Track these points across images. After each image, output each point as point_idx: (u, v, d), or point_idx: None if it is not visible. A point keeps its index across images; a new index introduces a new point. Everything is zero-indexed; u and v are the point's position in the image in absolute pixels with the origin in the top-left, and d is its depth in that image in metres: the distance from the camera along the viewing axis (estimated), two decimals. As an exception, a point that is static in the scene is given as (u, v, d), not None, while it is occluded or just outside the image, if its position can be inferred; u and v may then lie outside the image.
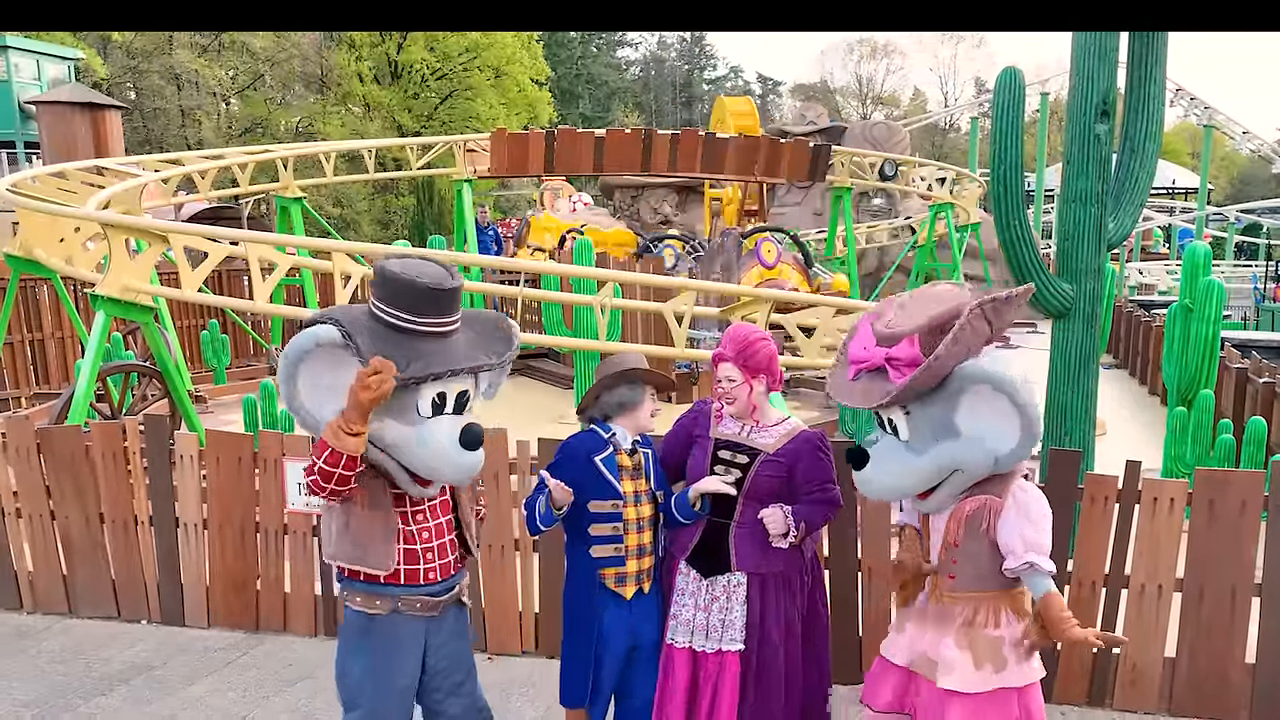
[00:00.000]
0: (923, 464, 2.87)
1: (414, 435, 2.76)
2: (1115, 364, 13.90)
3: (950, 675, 2.91)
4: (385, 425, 2.75)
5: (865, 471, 2.94)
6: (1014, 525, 2.83)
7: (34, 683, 4.52)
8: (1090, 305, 5.51)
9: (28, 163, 22.19)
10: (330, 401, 2.71)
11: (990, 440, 2.79)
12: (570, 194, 24.02)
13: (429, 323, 2.73)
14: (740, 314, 7.40)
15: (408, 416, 2.77)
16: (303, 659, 4.72)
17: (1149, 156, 5.59)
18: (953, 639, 2.95)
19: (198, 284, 7.02)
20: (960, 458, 2.84)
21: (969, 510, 2.89)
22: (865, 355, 2.92)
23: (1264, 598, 3.98)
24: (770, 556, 3.22)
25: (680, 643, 3.24)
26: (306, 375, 2.72)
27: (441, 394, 2.77)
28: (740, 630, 3.20)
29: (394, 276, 2.72)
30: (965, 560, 2.95)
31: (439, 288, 2.72)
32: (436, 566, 2.98)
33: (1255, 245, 32.00)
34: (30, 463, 5.16)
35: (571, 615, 3.31)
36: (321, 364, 2.71)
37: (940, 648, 2.96)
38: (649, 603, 3.30)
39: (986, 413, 2.79)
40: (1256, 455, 6.15)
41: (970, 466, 2.85)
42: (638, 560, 3.24)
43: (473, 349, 2.81)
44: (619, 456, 3.23)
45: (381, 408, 2.70)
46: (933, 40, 63.54)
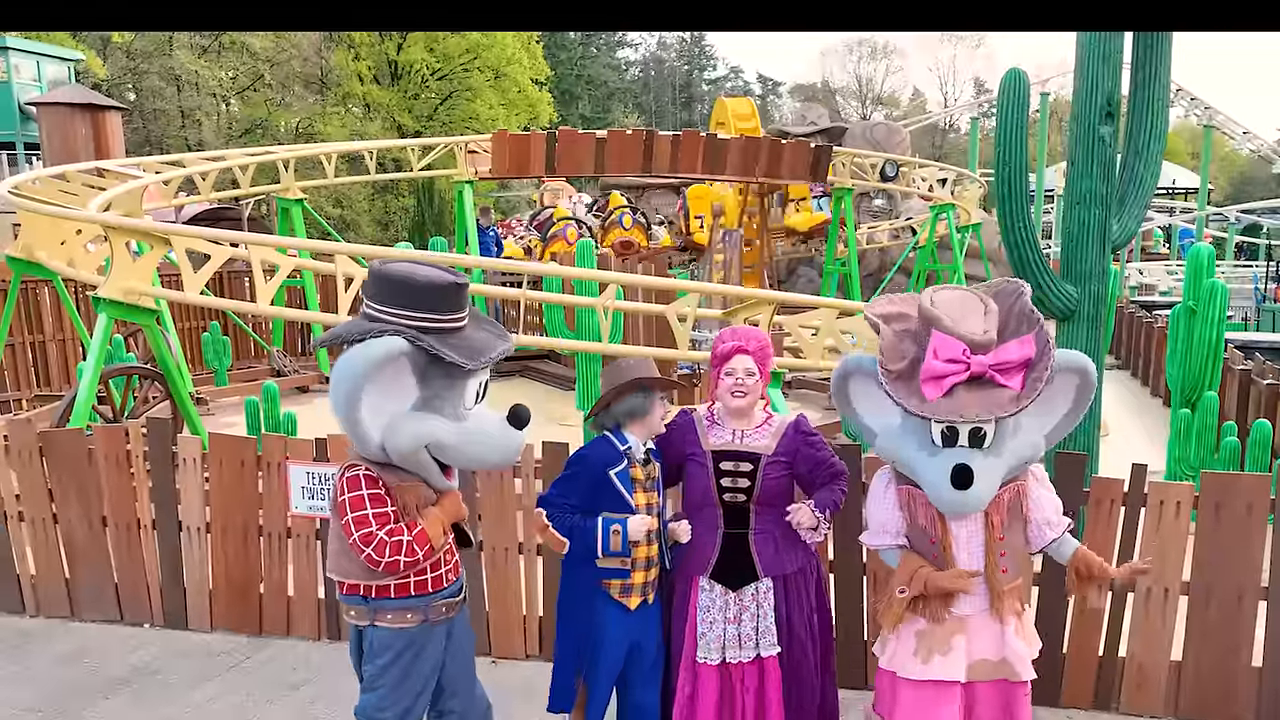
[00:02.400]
0: (1005, 465, 2.84)
1: (466, 429, 2.83)
2: (1116, 365, 13.90)
3: (1026, 667, 2.97)
4: (438, 427, 2.78)
5: (974, 489, 2.71)
6: (1044, 498, 2.98)
7: (36, 686, 4.51)
8: (1094, 307, 5.51)
9: (28, 164, 22.17)
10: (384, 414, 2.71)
11: (1042, 428, 2.93)
12: (571, 194, 24.03)
13: (459, 317, 2.83)
14: (744, 316, 7.39)
15: (457, 412, 2.83)
16: (306, 663, 4.71)
17: (1153, 158, 5.59)
18: (1012, 636, 2.96)
19: (199, 286, 7.01)
20: (1026, 450, 2.90)
21: (1008, 499, 2.92)
22: (957, 366, 2.74)
23: (1271, 601, 3.97)
24: (788, 555, 3.23)
25: (713, 660, 3.21)
26: (373, 390, 2.67)
27: (483, 383, 2.90)
28: (775, 634, 3.20)
29: (410, 279, 2.74)
30: (1011, 551, 2.98)
31: (455, 282, 2.81)
32: (452, 566, 3.04)
33: (1255, 245, 32.00)
34: (32, 466, 5.15)
35: (565, 621, 3.27)
36: (389, 377, 2.70)
37: (1005, 645, 2.95)
38: (652, 611, 3.29)
39: (1047, 398, 2.84)
40: (1262, 457, 6.15)
41: (1032, 458, 2.94)
42: (645, 572, 3.23)
43: (490, 336, 2.92)
44: (633, 470, 3.19)
45: (431, 410, 2.78)
46: (932, 40, 63.62)
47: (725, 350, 3.22)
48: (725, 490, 3.20)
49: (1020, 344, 2.77)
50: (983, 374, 2.74)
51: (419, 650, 2.96)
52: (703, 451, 3.23)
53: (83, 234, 8.40)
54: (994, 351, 2.77)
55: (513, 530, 4.65)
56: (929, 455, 2.81)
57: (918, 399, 2.77)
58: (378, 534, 2.73)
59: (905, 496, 2.99)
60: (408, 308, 2.72)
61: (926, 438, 2.84)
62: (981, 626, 2.96)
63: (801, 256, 21.39)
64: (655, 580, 3.28)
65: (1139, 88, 5.56)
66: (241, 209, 19.18)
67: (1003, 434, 2.82)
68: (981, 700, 2.98)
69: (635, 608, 3.23)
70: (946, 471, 2.70)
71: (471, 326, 2.90)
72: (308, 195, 13.44)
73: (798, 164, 14.32)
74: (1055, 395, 2.90)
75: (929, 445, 2.83)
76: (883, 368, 2.85)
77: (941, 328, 2.79)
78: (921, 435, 2.86)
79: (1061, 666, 4.12)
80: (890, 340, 2.87)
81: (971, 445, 2.77)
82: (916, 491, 2.93)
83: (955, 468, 2.70)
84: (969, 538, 2.94)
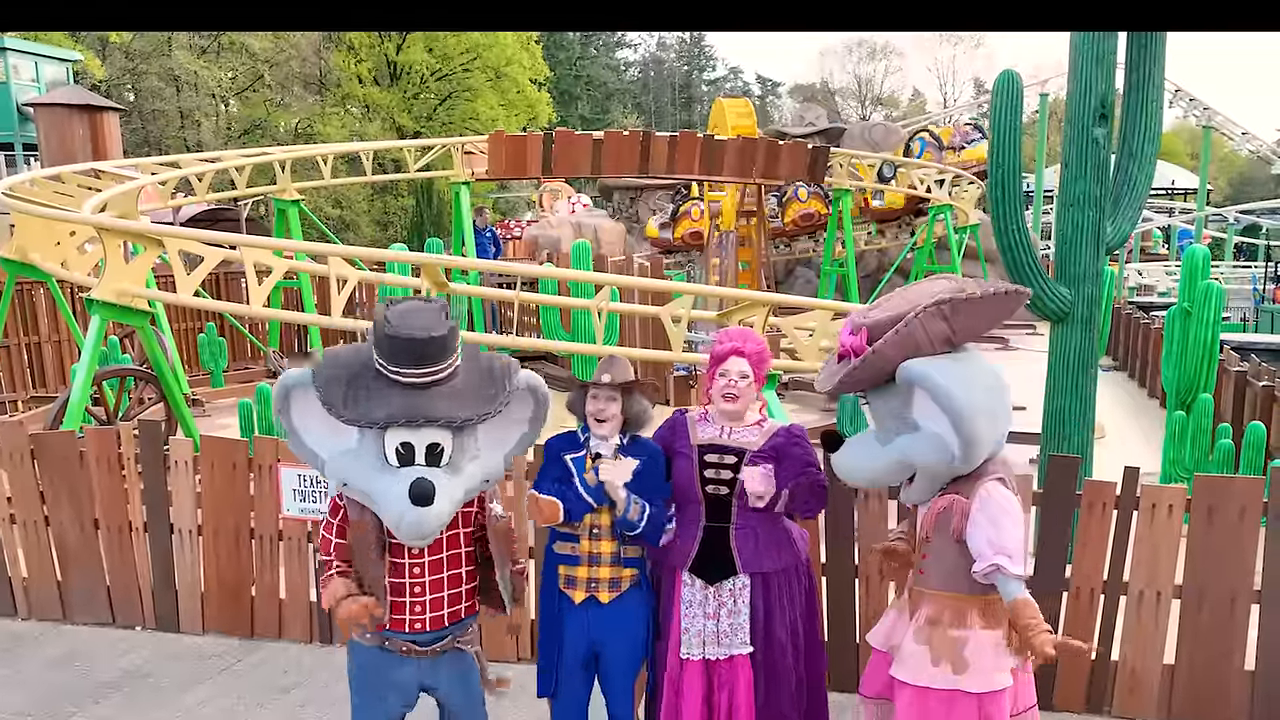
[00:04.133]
0: (885, 455, 2.92)
1: (376, 482, 2.75)
2: (1114, 366, 13.88)
3: (902, 666, 2.95)
4: (355, 465, 2.79)
5: (836, 455, 3.05)
6: (980, 528, 2.78)
7: (27, 690, 4.50)
8: (1088, 309, 5.49)
9: (26, 165, 22.17)
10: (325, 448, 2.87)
11: (947, 438, 2.77)
12: (569, 195, 24.05)
13: (404, 373, 2.71)
14: (738, 317, 7.38)
15: (375, 463, 2.77)
16: (298, 666, 4.69)
17: (1147, 160, 5.57)
18: (912, 633, 2.97)
19: (194, 288, 7.00)
20: (913, 452, 2.85)
21: (939, 508, 2.89)
22: (840, 342, 2.98)
23: (1263, 604, 3.96)
24: (769, 553, 3.22)
25: (695, 655, 3.21)
26: (299, 420, 2.88)
27: (406, 444, 2.73)
28: (748, 633, 3.19)
29: (379, 325, 2.75)
30: (934, 558, 2.96)
31: (413, 338, 2.69)
32: (426, 618, 2.96)
33: (1254, 246, 31.99)
34: (24, 468, 5.14)
35: (542, 608, 3.36)
36: (306, 402, 2.83)
37: (904, 639, 3.00)
38: (609, 615, 3.23)
39: (931, 412, 2.79)
40: (1256, 460, 6.13)
41: (923, 463, 2.85)
42: (589, 568, 3.20)
43: (451, 401, 2.75)
44: (587, 460, 3.21)
45: (356, 444, 2.80)
46: (932, 41, 63.56)
47: (721, 351, 3.24)
48: (708, 482, 3.21)
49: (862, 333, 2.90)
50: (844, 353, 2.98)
51: (374, 673, 3.00)
52: (690, 445, 3.27)
53: (77, 235, 8.39)
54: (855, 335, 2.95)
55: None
56: None
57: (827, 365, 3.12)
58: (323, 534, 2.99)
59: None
60: (374, 348, 2.78)
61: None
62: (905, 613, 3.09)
63: (799, 257, 21.37)
64: (609, 582, 3.22)
65: (1133, 89, 5.54)
66: (239, 210, 19.17)
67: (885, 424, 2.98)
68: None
69: (580, 603, 3.22)
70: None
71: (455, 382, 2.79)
72: (306, 196, 13.43)
73: (795, 165, 14.29)
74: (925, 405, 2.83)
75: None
76: None
77: None
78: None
79: (1054, 669, 4.11)
80: None
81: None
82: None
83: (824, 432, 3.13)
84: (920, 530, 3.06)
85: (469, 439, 2.84)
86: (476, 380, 2.84)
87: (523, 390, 2.93)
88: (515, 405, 2.93)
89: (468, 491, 2.85)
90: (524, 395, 2.94)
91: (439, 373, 2.74)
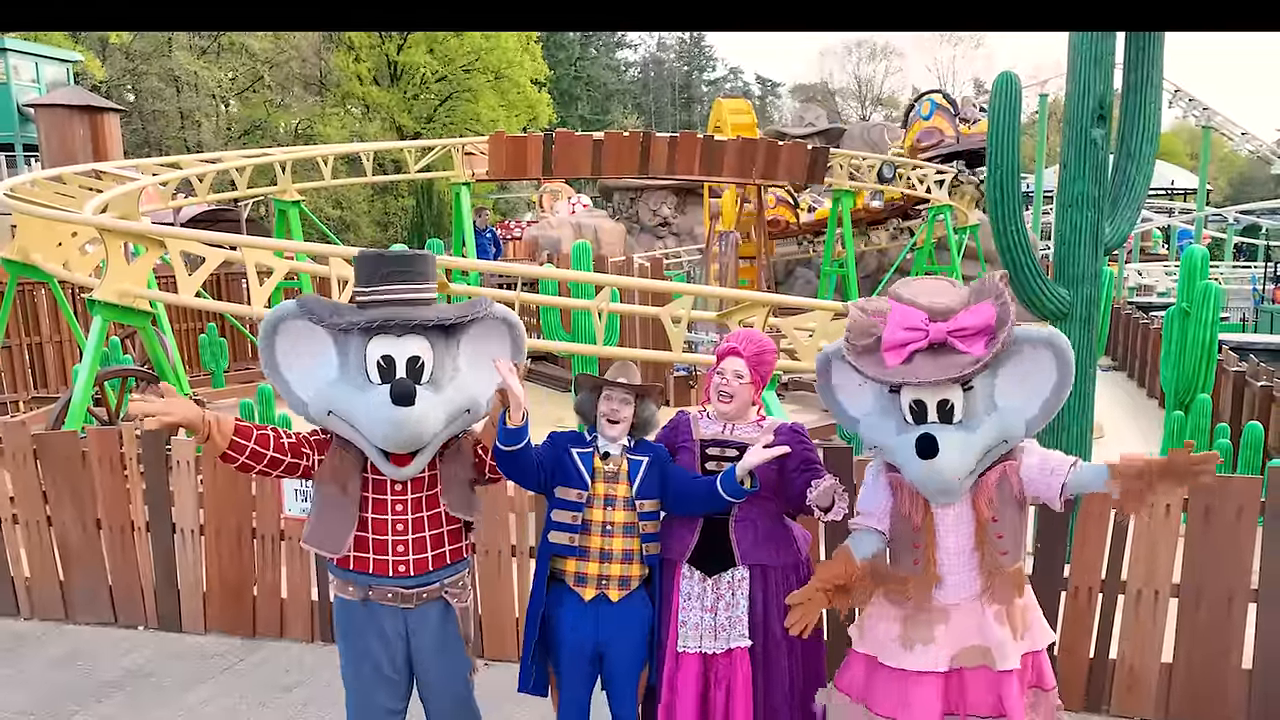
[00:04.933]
0: (980, 441, 2.81)
1: (358, 398, 2.82)
2: (1113, 366, 13.90)
3: (1006, 656, 2.90)
4: (338, 389, 2.86)
5: (941, 458, 2.74)
6: (1038, 459, 2.89)
7: (30, 690, 4.52)
8: (1087, 310, 5.51)
9: (26, 165, 22.18)
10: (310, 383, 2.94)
11: (1024, 408, 2.85)
12: (569, 196, 24.06)
13: (380, 289, 2.84)
14: (738, 318, 7.40)
15: (358, 381, 2.85)
16: (299, 665, 4.71)
17: (1146, 160, 5.59)
18: (993, 617, 2.92)
19: (195, 288, 7.02)
20: (1006, 428, 2.85)
21: (994, 480, 2.88)
22: (917, 333, 2.80)
23: (1260, 603, 3.97)
24: (768, 547, 3.23)
25: (692, 648, 3.21)
26: (284, 355, 2.95)
27: (387, 356, 2.82)
28: (747, 625, 3.18)
29: (358, 261, 2.92)
30: (1009, 532, 2.92)
31: (385, 254, 2.90)
32: (410, 560, 2.94)
33: (1254, 246, 31.98)
34: (26, 468, 5.16)
35: (532, 600, 3.32)
36: (293, 334, 2.93)
37: (986, 632, 2.92)
38: (618, 613, 3.19)
39: (1024, 375, 2.83)
40: (1253, 460, 6.15)
41: (1013, 437, 2.88)
42: (600, 564, 3.15)
43: (431, 312, 2.85)
44: (595, 458, 3.19)
45: (338, 373, 2.88)
46: (932, 41, 63.54)
47: (720, 350, 3.28)
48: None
49: (976, 310, 2.80)
50: (942, 340, 2.79)
51: (361, 626, 2.99)
52: (693, 440, 3.30)
53: (78, 236, 8.41)
54: (952, 318, 2.81)
55: (505, 533, 4.66)
56: (899, 432, 2.88)
57: (877, 367, 2.86)
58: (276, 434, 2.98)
59: (894, 482, 3.00)
60: (356, 283, 2.93)
61: (900, 416, 2.91)
62: (966, 614, 2.95)
63: (799, 258, 21.40)
64: (621, 580, 3.18)
65: (1131, 90, 5.56)
66: (240, 211, 19.19)
67: (974, 409, 2.84)
68: (971, 687, 2.97)
69: (590, 600, 3.17)
70: (913, 443, 2.76)
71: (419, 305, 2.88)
72: (306, 197, 13.44)
73: (795, 165, 14.32)
74: (1034, 374, 2.86)
75: (901, 424, 2.90)
76: (848, 344, 2.94)
77: (901, 299, 2.88)
78: (896, 416, 2.92)
79: (1052, 667, 4.11)
80: (859, 321, 2.95)
81: (941, 420, 2.82)
82: (901, 477, 2.94)
83: (920, 437, 2.76)
84: (956, 520, 2.91)
85: (448, 358, 2.93)
86: (453, 306, 2.98)
87: (497, 320, 3.04)
88: (492, 335, 3.03)
89: (449, 415, 2.89)
90: (497, 324, 3.05)
91: (418, 292, 2.88)
